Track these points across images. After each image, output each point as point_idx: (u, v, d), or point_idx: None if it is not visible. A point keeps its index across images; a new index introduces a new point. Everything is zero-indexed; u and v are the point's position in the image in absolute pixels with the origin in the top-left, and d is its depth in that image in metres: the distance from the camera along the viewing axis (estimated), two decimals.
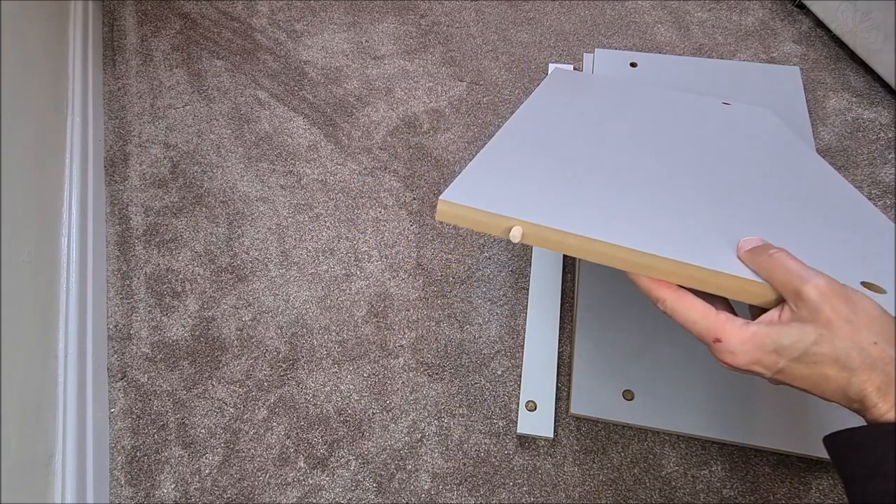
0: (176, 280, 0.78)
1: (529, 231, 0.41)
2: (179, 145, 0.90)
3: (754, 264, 0.39)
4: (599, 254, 0.41)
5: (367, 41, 1.00)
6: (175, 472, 0.66)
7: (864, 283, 0.41)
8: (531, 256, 0.76)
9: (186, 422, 0.68)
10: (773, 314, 0.38)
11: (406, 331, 0.73)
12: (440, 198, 0.43)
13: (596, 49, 0.89)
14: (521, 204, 0.44)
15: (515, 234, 0.41)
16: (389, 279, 0.77)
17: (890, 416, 0.33)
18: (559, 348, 0.70)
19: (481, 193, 0.44)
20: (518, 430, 0.64)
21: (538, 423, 0.64)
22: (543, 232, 0.41)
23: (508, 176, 0.48)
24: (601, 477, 0.63)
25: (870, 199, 0.79)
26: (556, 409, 0.66)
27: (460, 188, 0.45)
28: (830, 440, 0.37)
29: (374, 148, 0.88)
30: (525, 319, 0.72)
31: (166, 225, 0.83)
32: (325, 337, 0.73)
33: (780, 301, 0.38)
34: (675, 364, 0.65)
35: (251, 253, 0.80)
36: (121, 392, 0.71)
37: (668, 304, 0.40)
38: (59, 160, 0.81)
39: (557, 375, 0.68)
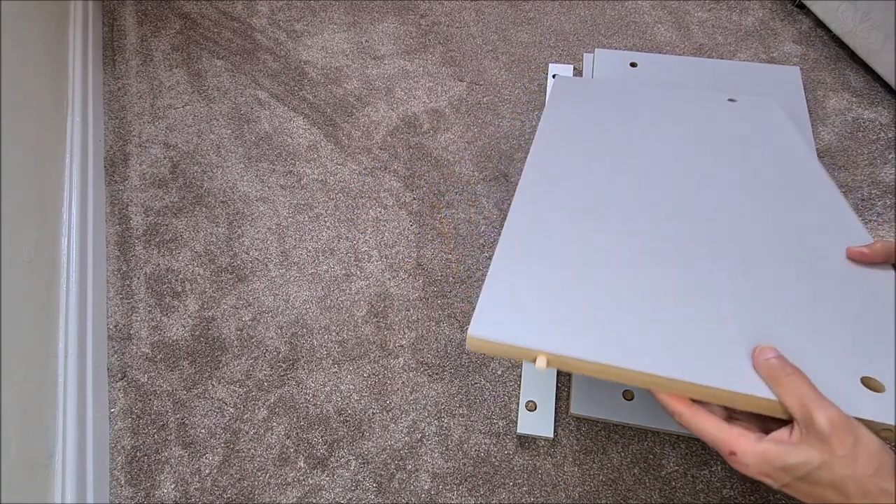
0: (176, 280, 0.78)
1: (552, 359, 0.44)
2: (179, 145, 0.90)
3: (770, 379, 0.42)
4: (618, 375, 0.43)
5: (367, 41, 1.00)
6: (175, 472, 0.66)
7: (863, 380, 0.42)
8: None
9: (186, 422, 0.68)
10: (783, 433, 0.40)
11: (406, 331, 0.73)
12: (468, 333, 0.45)
13: (596, 49, 0.89)
14: (543, 330, 0.46)
15: (541, 365, 0.44)
16: (389, 279, 0.77)
17: None
18: None
19: (504, 321, 0.47)
20: (518, 431, 0.64)
21: (538, 423, 0.64)
22: (565, 360, 0.44)
23: (526, 289, 0.50)
24: (601, 477, 0.63)
25: (869, 199, 0.79)
26: (556, 409, 0.66)
27: (485, 318, 0.47)
28: None
29: (374, 148, 0.88)
30: None
31: (166, 225, 0.83)
32: (325, 337, 0.73)
33: (790, 417, 0.40)
34: None
35: (251, 253, 0.80)
36: (121, 392, 0.71)
37: (684, 418, 0.43)
38: (59, 160, 0.81)
39: (557, 375, 0.68)
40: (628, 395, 0.64)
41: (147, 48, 1.01)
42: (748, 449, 0.40)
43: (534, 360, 0.45)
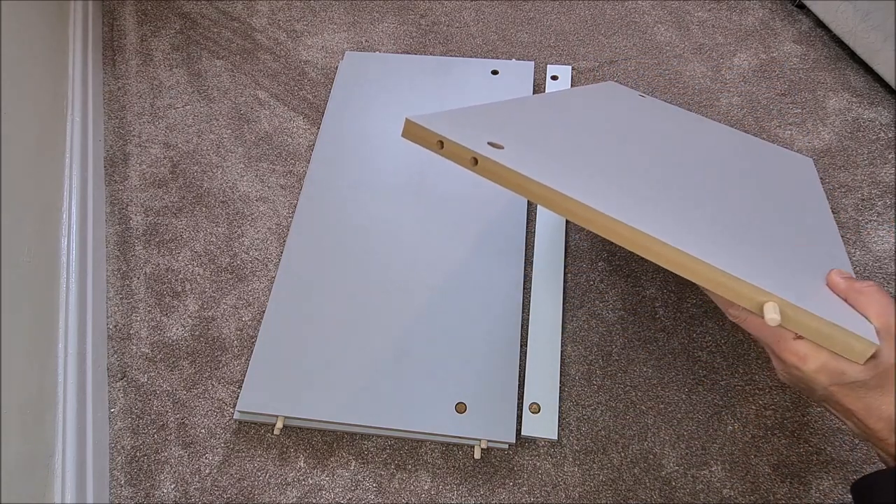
0: (176, 280, 0.78)
1: (483, 164, 0.44)
2: (179, 145, 0.90)
3: (849, 293, 0.42)
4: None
5: (367, 41, 1.00)
6: (175, 472, 0.66)
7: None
8: (532, 257, 0.76)
9: (186, 422, 0.68)
10: None
11: None
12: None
13: (609, 81, 0.81)
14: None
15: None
16: None
17: None
18: (561, 349, 0.70)
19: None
20: (522, 433, 0.64)
21: (542, 425, 0.64)
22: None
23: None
24: (601, 477, 0.63)
25: (869, 198, 0.79)
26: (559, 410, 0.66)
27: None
28: (863, 484, 0.39)
29: None
30: (527, 320, 0.72)
31: (166, 225, 0.83)
32: None
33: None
34: None
35: (251, 253, 0.80)
36: (121, 392, 0.71)
37: (740, 310, 0.42)
38: (58, 160, 0.81)
39: (561, 377, 0.68)
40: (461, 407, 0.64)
41: (147, 48, 1.01)
42: None
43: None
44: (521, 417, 0.65)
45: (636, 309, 0.73)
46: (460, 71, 0.92)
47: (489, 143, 0.46)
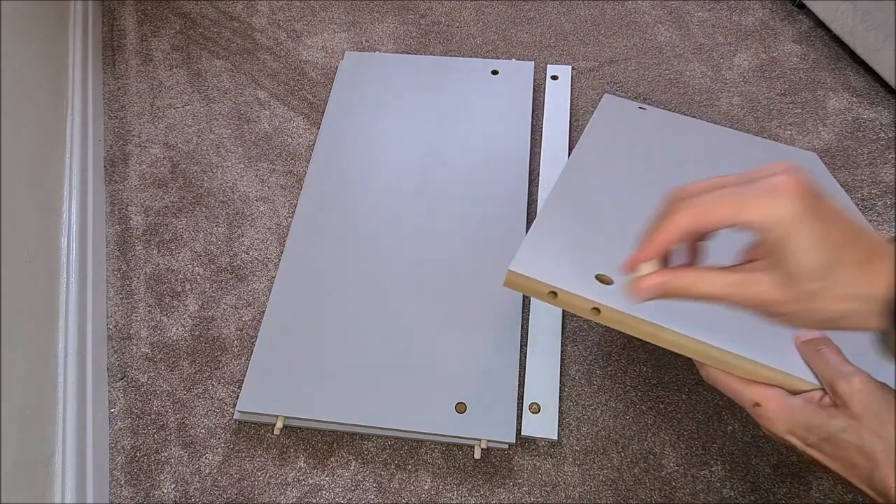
0: (176, 280, 0.78)
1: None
2: (179, 145, 0.90)
3: (806, 355, 0.42)
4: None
5: (367, 41, 1.00)
6: (175, 472, 0.66)
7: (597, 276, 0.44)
8: None
9: (186, 422, 0.68)
10: (815, 394, 0.40)
11: None
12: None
13: (605, 94, 0.80)
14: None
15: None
16: None
17: None
18: (561, 349, 0.70)
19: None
20: (522, 433, 0.64)
21: (542, 425, 0.64)
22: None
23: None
24: (601, 477, 0.63)
25: (870, 198, 0.79)
26: (559, 410, 0.66)
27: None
28: None
29: None
30: (527, 320, 0.72)
31: (166, 225, 0.83)
32: None
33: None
34: None
35: (251, 253, 0.80)
36: (121, 392, 0.71)
37: (710, 371, 0.43)
38: (59, 160, 0.81)
39: (561, 377, 0.68)
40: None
41: (147, 48, 1.01)
42: (774, 400, 0.40)
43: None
44: (521, 417, 0.65)
45: None
46: (460, 71, 0.92)
47: (596, 277, 0.44)
